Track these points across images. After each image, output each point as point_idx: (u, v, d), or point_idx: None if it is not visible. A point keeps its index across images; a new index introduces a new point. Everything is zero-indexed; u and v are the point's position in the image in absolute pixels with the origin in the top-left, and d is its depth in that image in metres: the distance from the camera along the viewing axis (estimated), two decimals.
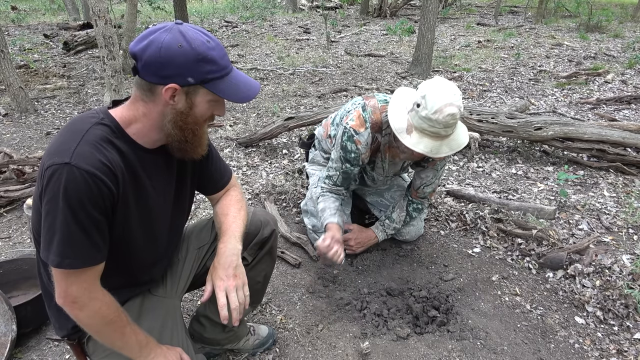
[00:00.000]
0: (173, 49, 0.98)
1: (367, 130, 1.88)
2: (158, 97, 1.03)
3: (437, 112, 1.58)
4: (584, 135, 3.17)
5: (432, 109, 1.58)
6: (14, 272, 1.99)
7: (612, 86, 5.32)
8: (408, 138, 1.68)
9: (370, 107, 1.90)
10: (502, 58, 6.93)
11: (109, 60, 4.07)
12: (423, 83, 1.67)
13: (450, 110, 1.57)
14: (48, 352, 1.76)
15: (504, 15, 12.01)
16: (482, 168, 3.29)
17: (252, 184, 3.08)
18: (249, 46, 8.10)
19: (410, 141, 1.67)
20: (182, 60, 0.98)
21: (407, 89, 1.84)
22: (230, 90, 1.06)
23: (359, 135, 1.88)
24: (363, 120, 1.88)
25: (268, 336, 1.75)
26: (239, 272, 1.25)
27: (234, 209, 1.38)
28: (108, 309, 1.08)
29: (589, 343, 1.78)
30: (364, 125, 1.88)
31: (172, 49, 0.98)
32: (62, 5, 13.55)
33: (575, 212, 2.64)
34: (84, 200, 0.96)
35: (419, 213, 2.24)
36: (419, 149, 1.66)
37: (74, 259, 0.99)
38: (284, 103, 4.83)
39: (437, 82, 1.64)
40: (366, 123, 1.88)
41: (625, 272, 2.06)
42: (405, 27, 8.93)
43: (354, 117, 1.89)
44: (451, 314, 1.90)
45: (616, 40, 8.06)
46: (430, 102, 1.59)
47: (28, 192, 2.78)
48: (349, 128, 1.89)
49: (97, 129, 1.03)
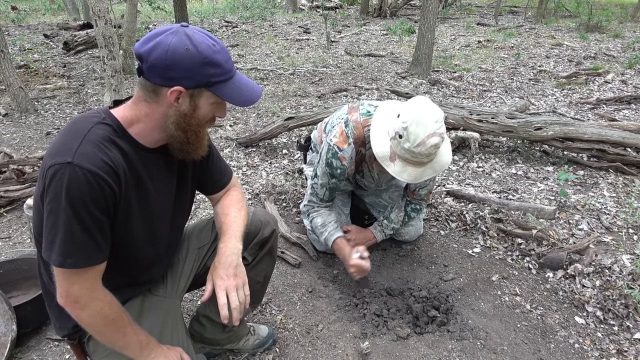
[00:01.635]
0: (179, 51, 0.98)
1: (350, 146, 1.89)
2: (162, 99, 1.04)
3: (420, 145, 1.57)
4: (584, 135, 3.17)
5: (414, 142, 1.57)
6: (14, 272, 1.99)
7: (612, 86, 5.32)
8: (392, 166, 1.68)
9: (352, 122, 1.91)
10: (502, 58, 6.93)
11: (109, 60, 4.07)
12: (404, 108, 1.63)
13: (432, 141, 1.56)
14: (48, 352, 1.76)
15: (504, 15, 12.01)
16: (482, 168, 3.29)
17: (252, 184, 3.08)
18: (249, 46, 8.10)
19: (394, 169, 1.68)
20: (188, 63, 0.99)
21: (387, 108, 1.81)
22: (234, 94, 1.07)
23: (342, 152, 1.90)
24: (346, 136, 1.90)
25: (268, 336, 1.75)
26: (239, 272, 1.25)
27: (234, 209, 1.38)
28: (109, 308, 1.08)
29: (589, 343, 1.78)
30: (347, 142, 1.89)
31: (179, 51, 0.98)
32: (62, 5, 13.55)
33: (575, 212, 2.64)
34: (86, 200, 0.96)
35: (417, 213, 2.24)
36: (402, 178, 1.68)
37: (76, 258, 0.99)
38: (284, 103, 4.83)
39: (418, 109, 1.59)
40: (349, 139, 1.89)
41: (625, 272, 2.06)
42: (405, 27, 8.93)
43: (337, 134, 1.91)
44: (451, 314, 1.90)
45: (616, 40, 8.07)
46: (412, 135, 1.57)
47: (28, 192, 2.78)
48: (333, 145, 1.90)
49: (99, 128, 1.03)
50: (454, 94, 5.15)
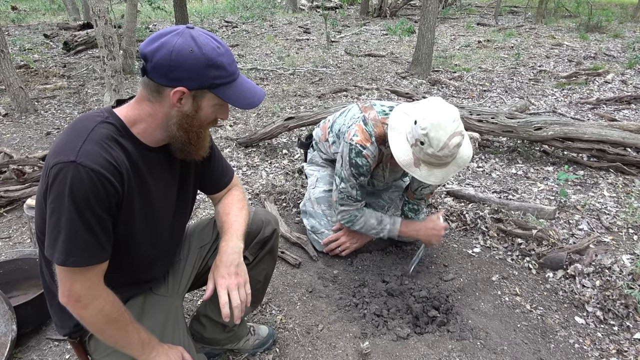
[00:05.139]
0: (184, 53, 0.99)
1: (373, 144, 1.89)
2: (165, 99, 1.04)
3: (444, 149, 1.58)
4: (584, 135, 3.17)
5: (437, 146, 1.58)
6: (14, 272, 1.99)
7: (612, 86, 5.32)
8: (418, 171, 1.70)
9: (371, 121, 1.90)
10: (502, 58, 6.93)
11: (109, 60, 4.07)
12: (420, 113, 1.63)
13: (455, 142, 1.58)
14: (48, 352, 1.76)
15: (504, 15, 12.02)
16: (482, 168, 3.30)
17: (252, 184, 3.08)
18: (249, 46, 8.10)
19: (421, 174, 1.69)
20: (192, 65, 1.00)
21: (401, 113, 1.80)
22: (236, 96, 1.08)
23: (366, 150, 1.88)
24: (368, 134, 1.88)
25: (268, 336, 1.75)
26: (240, 271, 1.26)
27: (235, 208, 1.39)
28: (111, 307, 1.08)
29: (589, 343, 1.78)
30: (369, 140, 1.88)
31: (183, 53, 0.99)
32: (62, 5, 13.54)
33: (575, 212, 2.64)
34: (89, 199, 0.96)
35: (415, 214, 2.23)
36: (431, 181, 1.70)
37: (78, 257, 0.99)
38: (284, 103, 4.83)
39: (434, 113, 1.59)
40: (371, 137, 1.88)
41: (625, 272, 2.06)
42: (405, 27, 8.93)
43: (357, 132, 1.89)
44: (451, 314, 1.90)
45: (616, 40, 8.07)
46: (434, 140, 1.58)
47: (28, 192, 2.78)
48: (355, 144, 1.88)
49: (102, 127, 1.03)
50: (454, 94, 5.15)
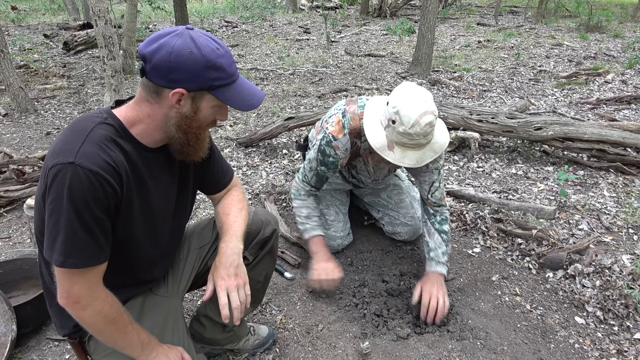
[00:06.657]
0: (183, 54, 0.99)
1: (345, 136, 1.89)
2: (164, 100, 1.04)
3: (415, 125, 1.55)
4: (584, 135, 3.17)
5: (408, 123, 1.56)
6: (14, 272, 1.99)
7: (612, 86, 5.32)
8: (391, 154, 1.67)
9: (349, 114, 1.90)
10: (502, 58, 6.93)
11: (109, 60, 4.07)
12: (392, 95, 1.64)
13: (426, 119, 1.55)
14: (48, 352, 1.76)
15: (504, 15, 12.01)
16: (482, 168, 3.29)
17: (252, 184, 3.08)
18: (249, 46, 8.10)
19: (394, 157, 1.66)
20: (191, 66, 0.99)
21: (377, 101, 1.82)
22: (236, 98, 1.07)
23: (337, 141, 1.89)
24: (342, 126, 1.89)
25: (268, 336, 1.75)
26: (240, 271, 1.26)
27: (235, 209, 1.38)
28: (110, 308, 1.08)
29: (589, 343, 1.78)
30: (342, 132, 1.89)
31: (183, 54, 0.99)
32: (62, 5, 13.55)
33: (575, 212, 2.64)
34: (88, 200, 0.96)
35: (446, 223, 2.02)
36: (404, 164, 1.67)
37: (77, 258, 0.99)
38: (284, 103, 4.83)
39: (405, 91, 1.60)
40: (344, 129, 1.89)
41: (625, 272, 2.06)
42: (405, 27, 8.93)
43: (333, 123, 1.91)
44: (451, 314, 1.90)
45: (616, 40, 8.07)
46: (405, 117, 1.56)
47: (28, 192, 2.78)
48: (328, 134, 1.90)
49: (101, 128, 1.03)
50: (454, 94, 5.15)
